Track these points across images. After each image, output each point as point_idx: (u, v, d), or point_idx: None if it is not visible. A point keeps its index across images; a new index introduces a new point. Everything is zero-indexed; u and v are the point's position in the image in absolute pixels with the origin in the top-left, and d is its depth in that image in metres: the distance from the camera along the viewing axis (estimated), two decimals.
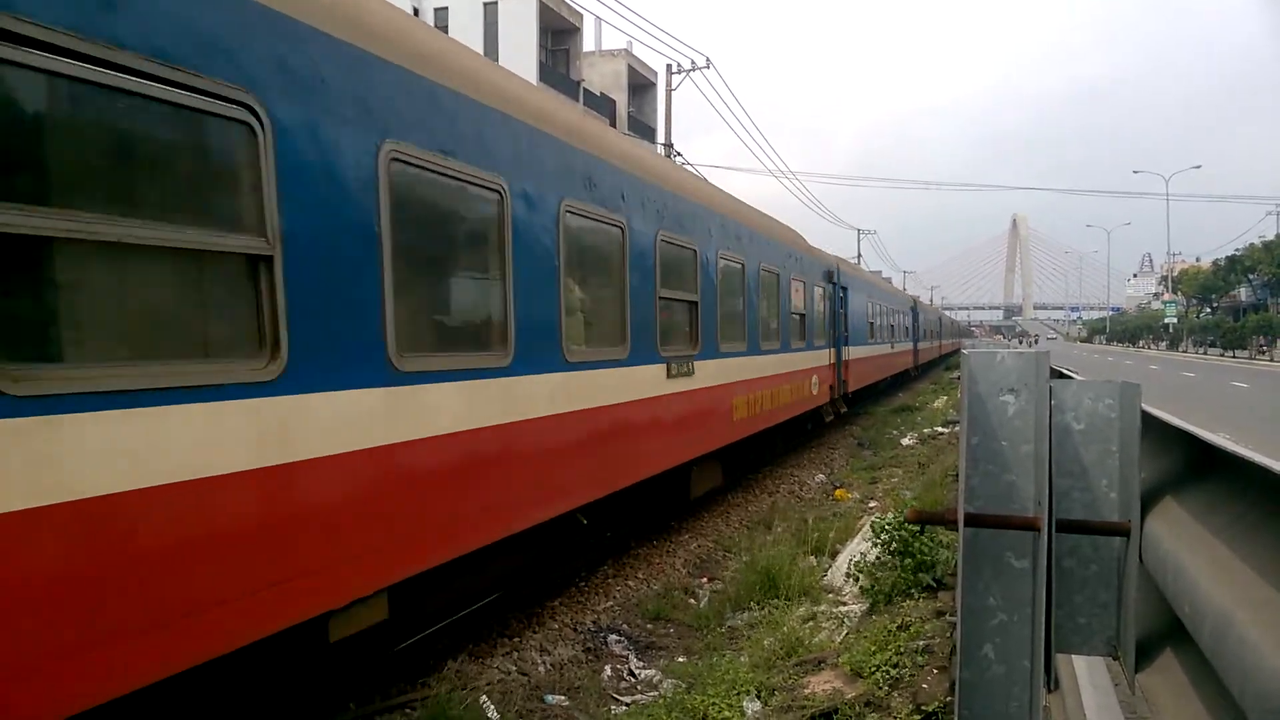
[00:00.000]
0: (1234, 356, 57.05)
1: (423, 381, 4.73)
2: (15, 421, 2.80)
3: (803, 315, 14.46)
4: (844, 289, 18.63)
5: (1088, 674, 3.61)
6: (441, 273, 5.34)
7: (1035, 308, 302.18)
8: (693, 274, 9.07)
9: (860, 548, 8.18)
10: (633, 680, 6.15)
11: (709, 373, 9.40)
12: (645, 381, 7.74)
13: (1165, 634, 2.45)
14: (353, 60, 4.24)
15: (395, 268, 4.45)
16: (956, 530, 2.29)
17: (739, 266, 10.77)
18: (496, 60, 36.53)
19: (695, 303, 9.08)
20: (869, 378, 23.04)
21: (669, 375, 8.26)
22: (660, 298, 8.11)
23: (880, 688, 4.99)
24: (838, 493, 12.61)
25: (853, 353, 19.62)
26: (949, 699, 4.42)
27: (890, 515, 7.91)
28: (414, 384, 4.66)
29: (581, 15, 40.17)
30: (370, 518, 4.32)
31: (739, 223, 10.91)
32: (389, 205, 4.43)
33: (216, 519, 3.50)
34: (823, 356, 16.19)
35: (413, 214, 4.79)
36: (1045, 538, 2.22)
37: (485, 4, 37.29)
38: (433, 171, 4.86)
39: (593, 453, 6.72)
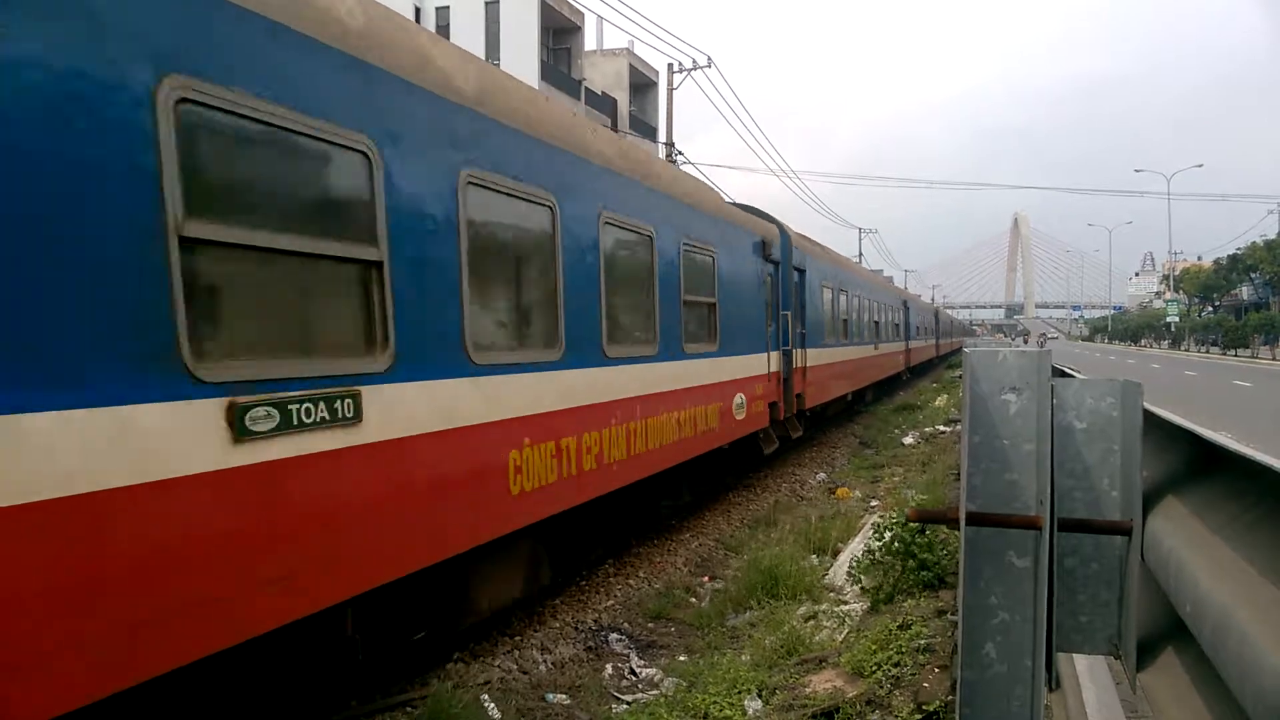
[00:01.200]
0: (1236, 355, 57.00)
1: (492, 374, 5.41)
2: (205, 402, 3.46)
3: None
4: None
5: (1089, 673, 3.61)
6: (507, 278, 6.01)
7: (1037, 306, 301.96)
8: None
9: (862, 547, 8.18)
10: (634, 679, 6.15)
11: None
12: None
13: (1167, 633, 2.45)
14: (441, 107, 5.02)
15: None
16: (958, 529, 2.29)
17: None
18: (498, 59, 36.54)
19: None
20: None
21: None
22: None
23: (881, 687, 4.99)
24: (839, 491, 12.61)
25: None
26: (950, 698, 4.42)
27: (892, 514, 7.92)
28: (486, 375, 5.34)
29: (583, 14, 40.16)
30: (450, 486, 5.03)
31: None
32: (465, 221, 5.13)
33: (360, 484, 4.25)
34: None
35: (483, 228, 5.48)
36: (1047, 536, 2.22)
37: (487, 3, 37.28)
38: (498, 191, 5.55)
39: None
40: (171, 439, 3.29)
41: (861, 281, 22.84)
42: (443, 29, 37.68)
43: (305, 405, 3.89)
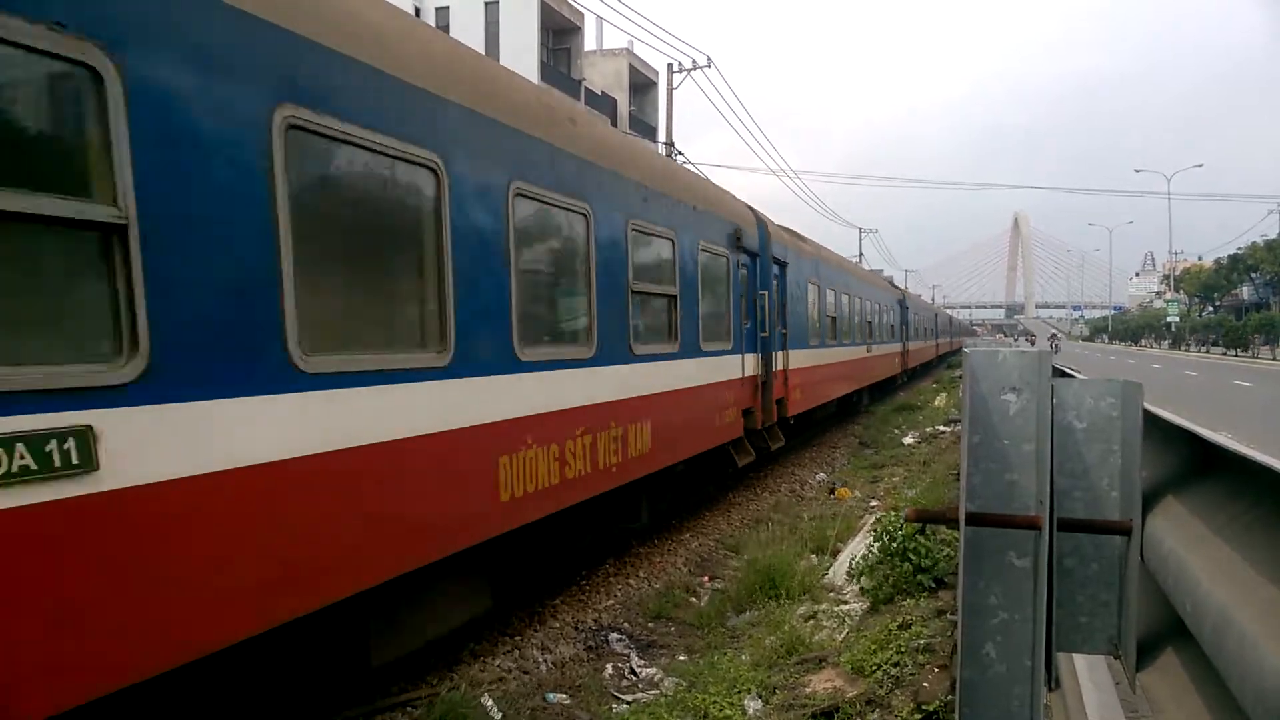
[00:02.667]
0: (1236, 355, 56.98)
1: (534, 370, 5.97)
2: (311, 394, 3.99)
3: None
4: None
5: (1089, 672, 3.61)
6: (547, 283, 6.60)
7: (1037, 306, 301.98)
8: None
9: (861, 547, 8.18)
10: (634, 679, 6.15)
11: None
12: None
13: (1166, 632, 2.45)
14: (495, 129, 5.59)
15: (518, 280, 5.72)
16: (958, 529, 2.29)
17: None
18: (498, 59, 36.54)
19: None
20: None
21: None
22: None
23: (881, 686, 5.00)
24: (839, 491, 12.61)
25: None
26: (950, 698, 4.42)
27: (889, 514, 7.92)
28: (529, 372, 5.88)
29: (582, 14, 40.17)
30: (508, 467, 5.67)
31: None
32: (513, 231, 5.68)
33: (435, 463, 4.90)
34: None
35: (528, 237, 6.06)
36: (1046, 536, 2.22)
37: (486, 3, 37.30)
38: (541, 201, 6.12)
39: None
40: None
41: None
42: (442, 29, 37.69)
43: None
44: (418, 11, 37.19)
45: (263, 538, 3.79)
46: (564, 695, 5.75)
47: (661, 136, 32.70)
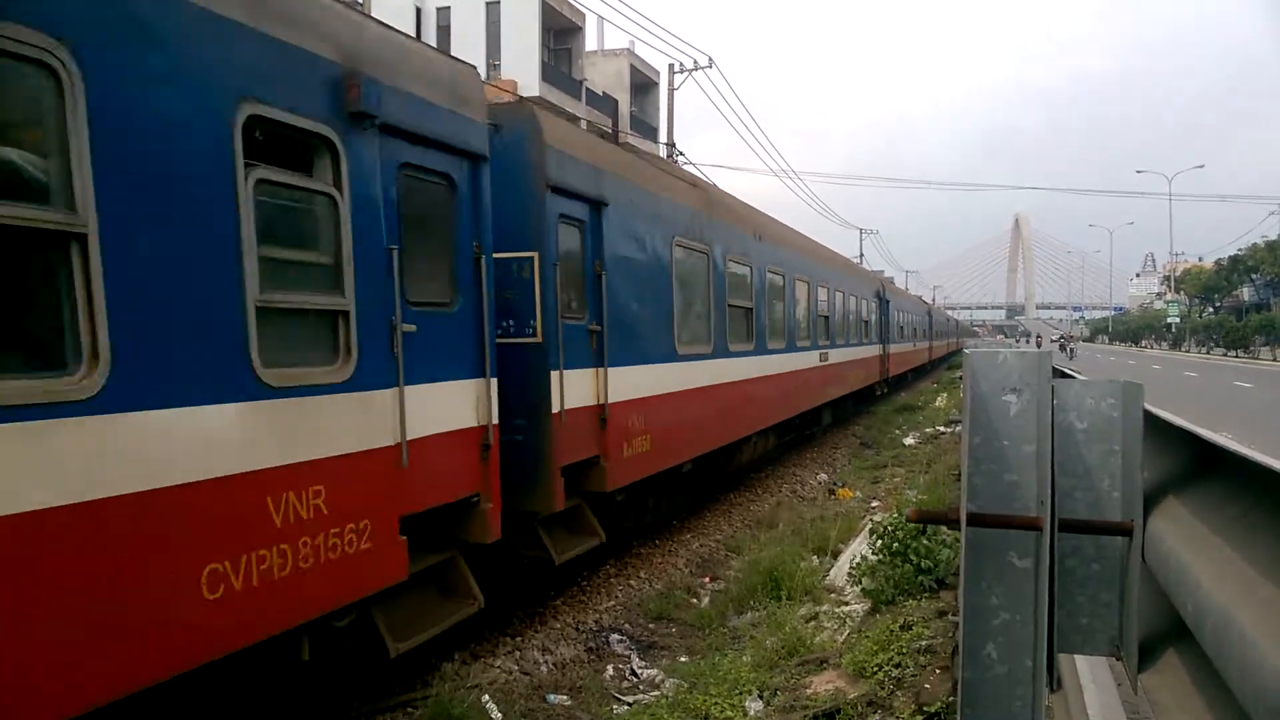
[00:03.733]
0: (1237, 356, 56.94)
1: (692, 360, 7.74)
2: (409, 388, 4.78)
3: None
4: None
5: (1090, 673, 3.60)
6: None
7: (1038, 307, 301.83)
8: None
9: (862, 548, 8.18)
10: (635, 680, 6.15)
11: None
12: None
13: (1168, 633, 2.45)
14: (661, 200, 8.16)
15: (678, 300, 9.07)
16: (959, 530, 2.29)
17: None
18: (498, 60, 36.56)
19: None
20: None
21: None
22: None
23: (883, 687, 5.00)
24: (840, 492, 12.61)
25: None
26: (951, 699, 4.42)
27: (890, 515, 7.92)
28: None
29: (584, 15, 40.17)
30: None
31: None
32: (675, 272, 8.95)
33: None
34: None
35: (683, 273, 9.45)
36: (1048, 537, 2.22)
37: (487, 3, 37.29)
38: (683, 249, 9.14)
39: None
40: None
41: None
42: (443, 29, 37.69)
43: None
44: (419, 12, 37.21)
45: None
46: (564, 696, 5.75)
47: (662, 137, 32.70)
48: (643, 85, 46.04)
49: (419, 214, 5.22)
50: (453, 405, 5.43)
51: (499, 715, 5.35)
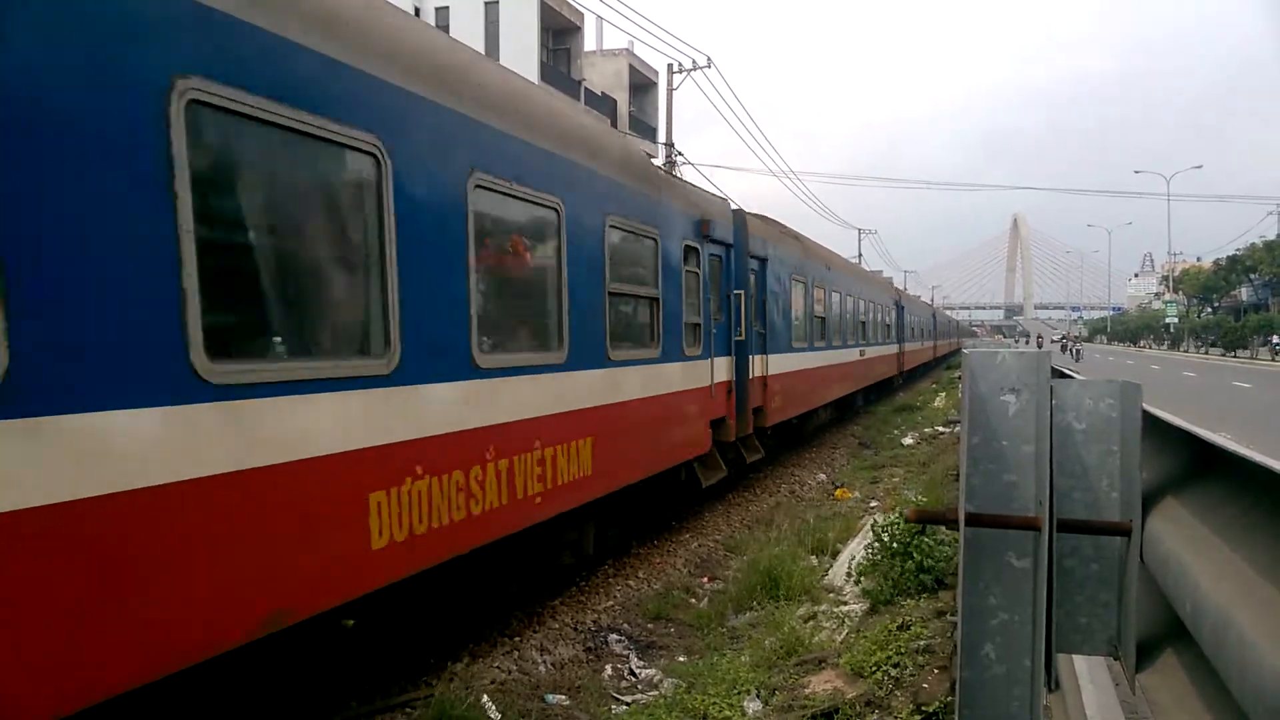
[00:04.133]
0: (1235, 356, 56.99)
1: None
2: (570, 373, 6.62)
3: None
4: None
5: (1088, 673, 3.61)
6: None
7: (1036, 307, 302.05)
8: None
9: (861, 548, 8.18)
10: (633, 680, 6.15)
11: None
12: None
13: (1166, 633, 2.45)
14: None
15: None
16: (957, 530, 2.29)
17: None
18: (498, 59, 36.49)
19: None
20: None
21: None
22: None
23: (881, 687, 5.00)
24: (839, 492, 12.61)
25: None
26: (950, 699, 4.42)
27: (890, 515, 7.92)
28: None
29: (583, 15, 40.17)
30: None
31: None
32: (793, 296, 13.93)
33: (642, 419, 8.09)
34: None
35: (796, 297, 14.17)
36: (1046, 537, 2.22)
37: (486, 3, 37.31)
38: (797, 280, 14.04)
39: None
40: None
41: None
42: (442, 29, 37.68)
43: None
44: (418, 11, 37.20)
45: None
46: (563, 696, 5.75)
47: (661, 137, 32.70)
48: (642, 85, 46.03)
49: (715, 277, 10.43)
50: (721, 368, 10.39)
51: (497, 715, 5.35)
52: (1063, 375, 6.06)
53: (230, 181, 3.92)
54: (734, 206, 11.84)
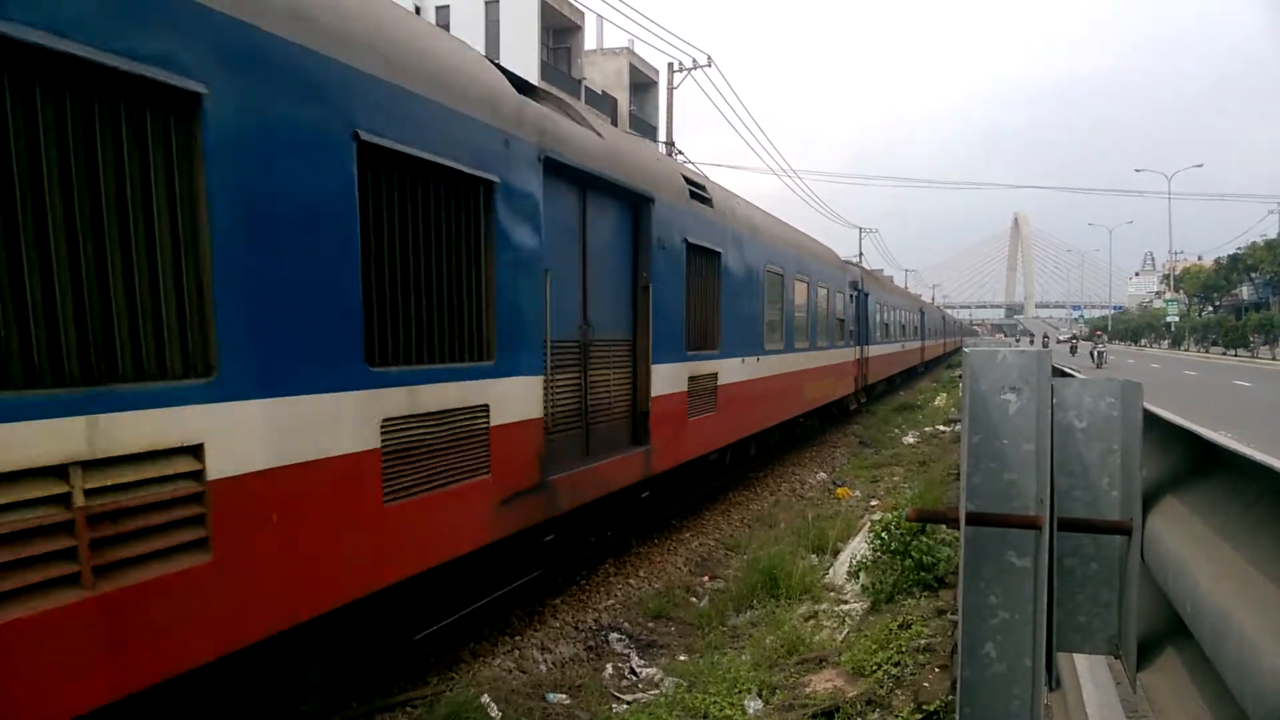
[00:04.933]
0: (1236, 355, 56.98)
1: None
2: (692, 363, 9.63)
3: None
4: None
5: (1089, 672, 3.61)
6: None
7: (1037, 306, 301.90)
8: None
9: (861, 546, 8.18)
10: (634, 678, 6.15)
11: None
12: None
13: (1167, 632, 2.45)
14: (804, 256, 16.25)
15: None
16: (958, 529, 2.29)
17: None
18: (499, 57, 36.46)
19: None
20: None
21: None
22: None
23: (882, 686, 5.00)
24: (839, 491, 12.61)
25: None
26: (950, 698, 4.42)
27: (890, 514, 7.92)
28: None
29: (583, 14, 40.15)
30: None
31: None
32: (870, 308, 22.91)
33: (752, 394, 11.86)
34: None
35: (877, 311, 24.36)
36: (1047, 536, 2.22)
37: (487, 2, 37.30)
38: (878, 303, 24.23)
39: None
40: None
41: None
42: (443, 27, 37.65)
43: None
44: (418, 10, 37.18)
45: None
46: (564, 695, 5.75)
47: (662, 136, 32.69)
48: (642, 84, 46.01)
49: (851, 304, 20.16)
50: (854, 352, 20.39)
51: (498, 714, 5.35)
52: (1064, 374, 6.06)
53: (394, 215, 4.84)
54: (854, 264, 22.40)
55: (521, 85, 6.36)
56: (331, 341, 4.29)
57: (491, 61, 6.14)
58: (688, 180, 9.53)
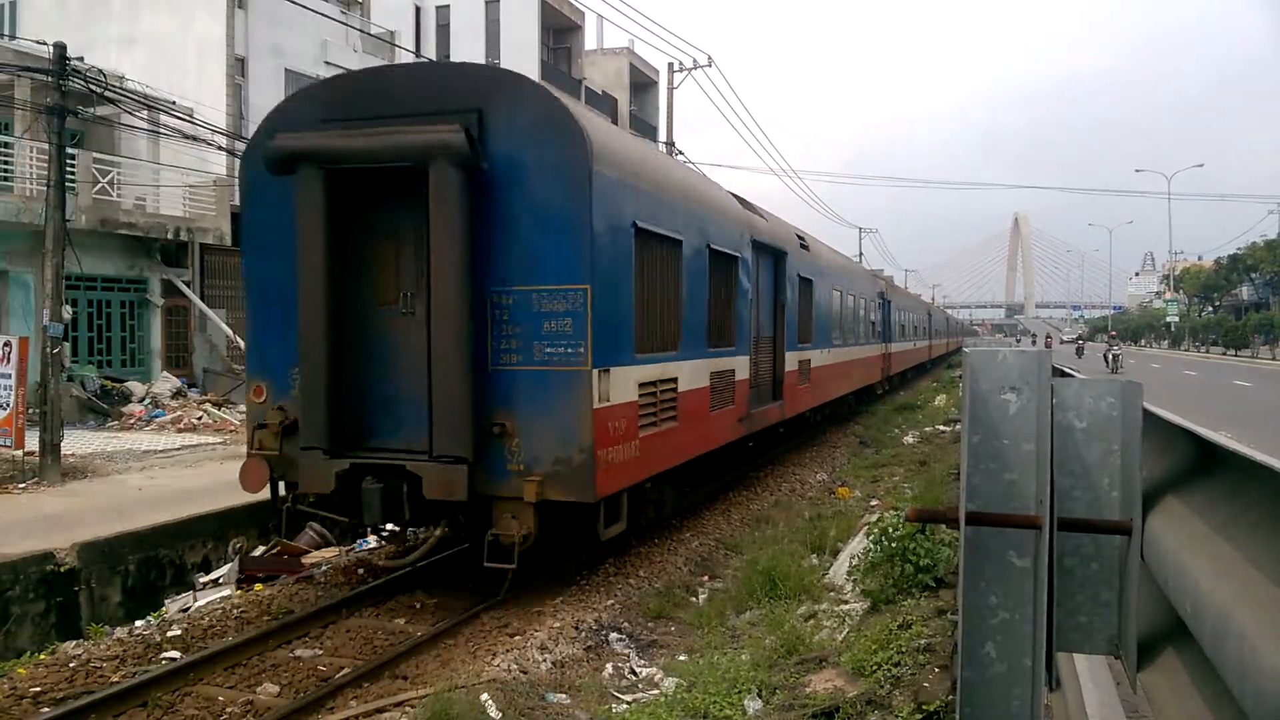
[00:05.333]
0: (1236, 355, 56.96)
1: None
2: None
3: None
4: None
5: (1089, 672, 3.61)
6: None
7: (1037, 306, 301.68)
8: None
9: (861, 547, 8.17)
10: (634, 678, 6.15)
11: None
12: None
13: (1167, 632, 2.45)
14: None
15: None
16: (958, 529, 2.29)
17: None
18: (498, 58, 36.46)
19: None
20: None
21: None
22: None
23: (882, 686, 4.99)
24: (839, 491, 12.61)
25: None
26: (950, 698, 4.42)
27: (889, 514, 7.91)
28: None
29: (583, 13, 40.14)
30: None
31: None
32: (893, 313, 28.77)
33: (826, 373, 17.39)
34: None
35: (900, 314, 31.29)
36: (1047, 536, 2.21)
37: (487, 2, 37.26)
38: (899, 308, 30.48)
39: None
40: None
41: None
42: (443, 28, 37.64)
43: None
44: (418, 10, 37.17)
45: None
46: (563, 695, 5.75)
47: (662, 136, 32.68)
48: (642, 84, 46.00)
49: (881, 310, 25.68)
50: (880, 348, 25.20)
51: (497, 714, 5.35)
52: (1064, 374, 6.05)
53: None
54: (884, 277, 27.76)
55: (740, 200, 12.29)
56: (719, 334, 10.42)
57: (731, 194, 12.04)
58: (799, 236, 15.25)
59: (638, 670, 6.27)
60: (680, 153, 30.21)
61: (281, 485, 7.42)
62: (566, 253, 6.68)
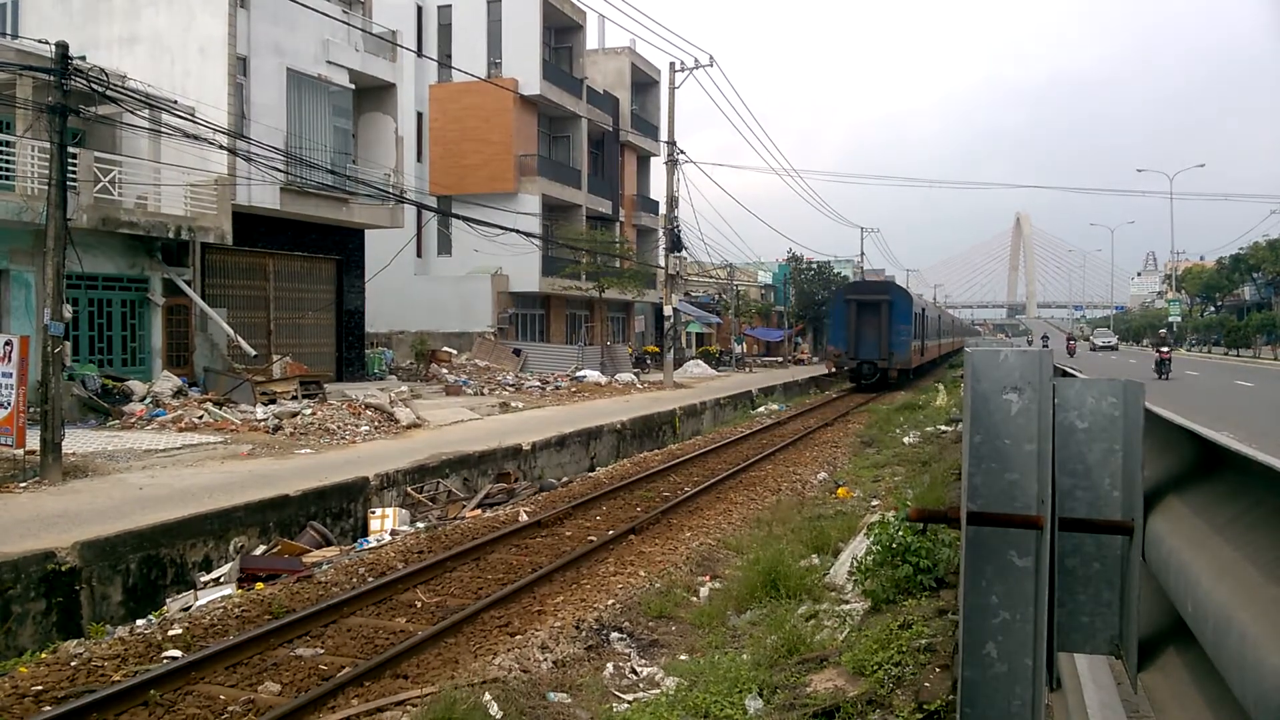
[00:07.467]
0: (1238, 355, 56.95)
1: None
2: None
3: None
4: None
5: (1090, 672, 3.60)
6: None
7: (1039, 306, 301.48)
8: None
9: (862, 546, 8.17)
10: (635, 678, 6.15)
11: None
12: None
13: (1168, 632, 2.45)
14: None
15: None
16: (959, 528, 2.29)
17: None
18: (500, 58, 36.43)
19: None
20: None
21: None
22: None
23: (883, 686, 4.99)
24: (840, 491, 12.60)
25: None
26: (951, 697, 4.42)
27: (890, 514, 7.91)
28: None
29: (585, 13, 40.15)
30: None
31: None
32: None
33: None
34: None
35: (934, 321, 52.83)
36: (1048, 536, 2.21)
37: (489, 2, 37.26)
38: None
39: None
40: None
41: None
42: (445, 28, 37.64)
43: None
44: (420, 10, 37.17)
45: None
46: (564, 694, 5.75)
47: (663, 135, 32.67)
48: (643, 83, 46.02)
49: (912, 317, 39.76)
50: (916, 344, 41.75)
51: (498, 713, 5.35)
52: (1065, 374, 6.05)
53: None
54: (916, 294, 44.37)
55: (917, 297, 43.25)
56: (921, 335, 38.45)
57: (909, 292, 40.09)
58: (920, 295, 47.76)
59: (639, 669, 6.27)
60: (681, 152, 30.22)
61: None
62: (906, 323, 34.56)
